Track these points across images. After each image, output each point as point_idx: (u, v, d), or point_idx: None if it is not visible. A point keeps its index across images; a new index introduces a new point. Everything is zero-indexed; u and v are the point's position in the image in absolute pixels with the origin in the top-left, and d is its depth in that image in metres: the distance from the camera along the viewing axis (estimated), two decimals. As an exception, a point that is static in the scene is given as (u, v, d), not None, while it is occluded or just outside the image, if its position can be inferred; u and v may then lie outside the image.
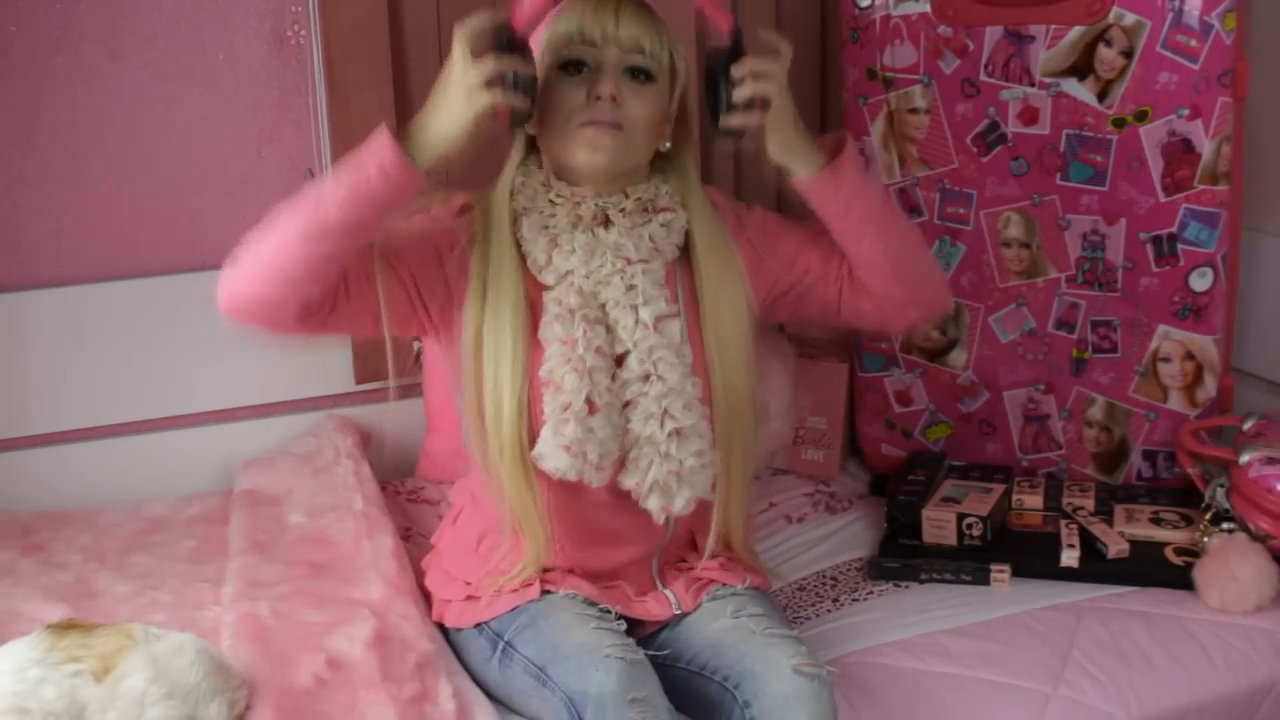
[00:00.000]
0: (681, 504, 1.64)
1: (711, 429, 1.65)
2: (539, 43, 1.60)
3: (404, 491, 2.21)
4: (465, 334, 1.63)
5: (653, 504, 1.63)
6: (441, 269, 1.63)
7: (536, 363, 1.61)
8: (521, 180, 1.65)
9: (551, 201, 1.63)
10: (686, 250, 1.69)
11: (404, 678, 1.59)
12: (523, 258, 1.63)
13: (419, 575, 1.84)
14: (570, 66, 1.59)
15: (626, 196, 1.64)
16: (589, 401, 1.59)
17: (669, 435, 1.61)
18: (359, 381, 2.23)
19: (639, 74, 1.60)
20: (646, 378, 1.62)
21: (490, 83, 1.45)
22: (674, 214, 1.66)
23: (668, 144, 1.67)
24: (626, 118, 1.58)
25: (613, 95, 1.57)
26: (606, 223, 1.63)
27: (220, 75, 2.12)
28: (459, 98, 1.47)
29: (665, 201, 1.67)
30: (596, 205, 1.63)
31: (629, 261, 1.62)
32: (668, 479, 1.62)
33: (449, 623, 1.74)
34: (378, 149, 1.47)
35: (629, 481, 1.63)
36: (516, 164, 1.65)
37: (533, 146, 1.66)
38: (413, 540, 2.02)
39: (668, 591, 1.70)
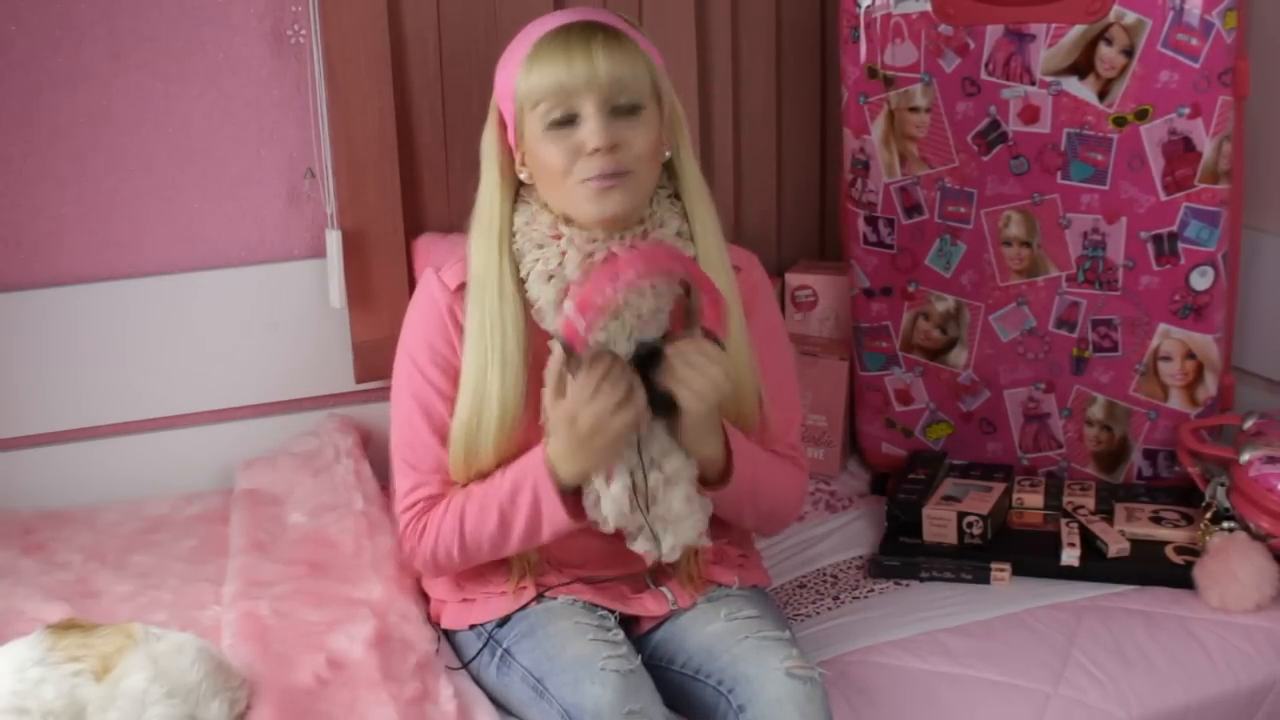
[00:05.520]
0: (667, 549, 1.60)
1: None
2: (512, 96, 1.56)
3: (404, 491, 2.21)
4: (465, 377, 1.60)
5: (639, 548, 1.60)
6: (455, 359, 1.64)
7: (533, 401, 1.59)
8: (525, 222, 1.61)
9: (562, 250, 1.59)
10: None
11: (405, 677, 1.59)
12: (524, 300, 1.60)
13: (419, 575, 1.84)
14: (557, 123, 1.53)
15: (638, 233, 1.60)
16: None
17: (656, 483, 1.58)
18: (359, 381, 2.23)
19: (628, 108, 1.54)
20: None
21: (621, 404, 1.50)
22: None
23: (667, 153, 1.63)
24: (630, 157, 1.54)
25: (611, 146, 1.52)
26: None
27: (220, 75, 2.11)
28: (607, 434, 1.51)
29: (670, 218, 1.63)
30: (608, 248, 1.59)
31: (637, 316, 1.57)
32: (654, 524, 1.59)
33: (445, 623, 1.73)
34: (555, 523, 1.58)
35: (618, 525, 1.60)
36: (502, 206, 1.61)
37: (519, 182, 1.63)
38: (413, 540, 2.02)
39: (664, 589, 1.69)
